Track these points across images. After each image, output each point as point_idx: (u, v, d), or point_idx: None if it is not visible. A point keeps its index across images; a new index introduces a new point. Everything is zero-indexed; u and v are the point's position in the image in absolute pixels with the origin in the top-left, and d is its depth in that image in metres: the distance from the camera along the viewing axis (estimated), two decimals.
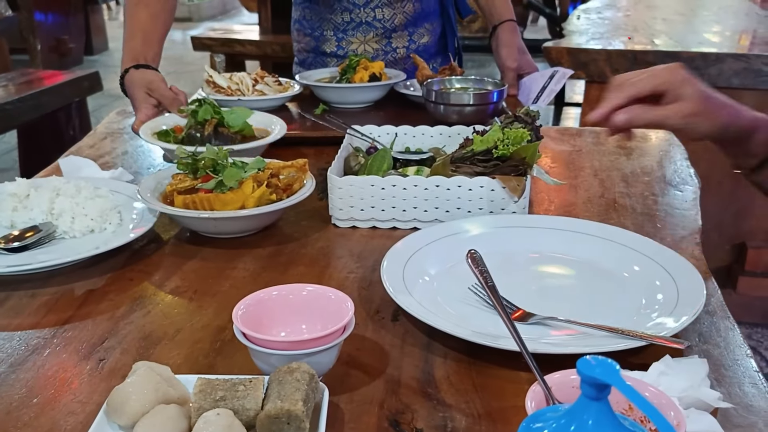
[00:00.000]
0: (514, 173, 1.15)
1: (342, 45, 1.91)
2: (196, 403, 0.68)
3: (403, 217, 1.17)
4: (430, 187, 1.14)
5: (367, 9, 1.86)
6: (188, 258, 1.09)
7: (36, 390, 0.78)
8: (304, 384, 0.69)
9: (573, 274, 1.02)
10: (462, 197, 1.14)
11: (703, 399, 0.70)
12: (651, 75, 0.96)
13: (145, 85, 1.55)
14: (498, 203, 1.14)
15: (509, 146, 1.14)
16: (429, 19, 1.95)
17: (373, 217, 1.17)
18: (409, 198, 1.15)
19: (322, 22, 1.91)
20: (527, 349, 0.72)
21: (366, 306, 0.94)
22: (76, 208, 1.13)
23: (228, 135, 1.40)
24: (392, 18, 1.88)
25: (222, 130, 1.41)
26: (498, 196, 1.14)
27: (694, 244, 1.11)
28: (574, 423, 0.45)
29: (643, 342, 0.80)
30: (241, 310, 0.78)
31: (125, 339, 0.88)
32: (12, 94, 3.61)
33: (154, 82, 1.56)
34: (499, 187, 1.13)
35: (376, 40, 1.90)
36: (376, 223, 1.18)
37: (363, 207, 1.16)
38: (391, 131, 1.42)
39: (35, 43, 6.56)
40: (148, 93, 1.55)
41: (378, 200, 1.16)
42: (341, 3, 1.85)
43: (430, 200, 1.15)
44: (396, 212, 1.16)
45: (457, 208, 1.15)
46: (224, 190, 1.10)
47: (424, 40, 1.95)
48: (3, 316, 0.94)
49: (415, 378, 0.79)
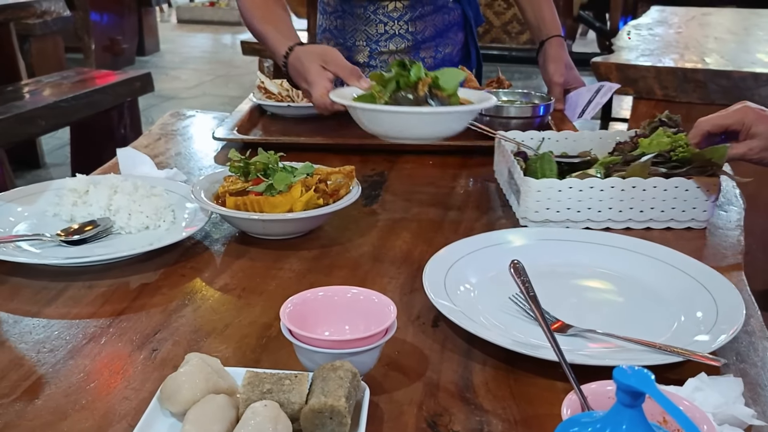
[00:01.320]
0: (702, 174, 1.21)
1: (374, 55, 1.95)
2: (244, 394, 0.71)
3: (597, 218, 1.23)
4: (627, 189, 1.21)
5: (400, 22, 1.90)
6: (237, 257, 1.13)
7: (93, 375, 0.83)
8: (347, 381, 0.72)
9: (613, 289, 1.03)
10: (657, 197, 1.21)
11: (737, 416, 0.71)
12: (724, 116, 1.14)
13: (319, 56, 1.43)
14: (690, 203, 1.21)
15: (687, 149, 1.21)
16: (453, 30, 1.99)
17: (567, 219, 1.22)
18: (605, 199, 1.21)
19: (355, 32, 1.95)
20: (565, 359, 0.74)
21: (407, 311, 0.97)
22: (133, 206, 1.18)
23: (442, 97, 1.27)
24: (423, 30, 1.91)
25: (436, 92, 1.26)
26: (691, 195, 1.20)
27: (736, 264, 1.11)
28: (608, 428, 0.47)
29: (680, 358, 0.81)
30: (288, 309, 0.82)
31: (177, 331, 0.92)
32: (66, 92, 3.73)
33: (329, 53, 1.44)
34: (694, 187, 1.20)
35: (405, 51, 1.94)
36: (570, 224, 1.23)
37: (559, 209, 1.22)
38: (536, 136, 1.45)
39: (90, 43, 6.75)
40: (323, 66, 1.42)
41: (575, 202, 1.21)
42: (377, 15, 1.89)
43: (625, 201, 1.21)
44: (591, 213, 1.22)
45: (651, 208, 1.22)
46: (274, 193, 1.14)
47: (448, 50, 1.99)
48: (62, 305, 0.98)
49: (454, 382, 0.82)
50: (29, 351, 0.87)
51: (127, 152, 1.43)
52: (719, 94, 2.49)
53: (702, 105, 2.51)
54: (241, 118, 1.74)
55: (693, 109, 2.52)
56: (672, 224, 1.24)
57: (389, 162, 1.55)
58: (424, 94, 1.21)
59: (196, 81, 7.17)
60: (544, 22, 1.94)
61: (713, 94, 2.49)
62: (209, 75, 7.35)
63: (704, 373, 0.77)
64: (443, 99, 1.24)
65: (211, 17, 10.65)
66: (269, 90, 1.83)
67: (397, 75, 1.26)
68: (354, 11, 1.90)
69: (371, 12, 1.89)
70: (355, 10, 1.89)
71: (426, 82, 1.21)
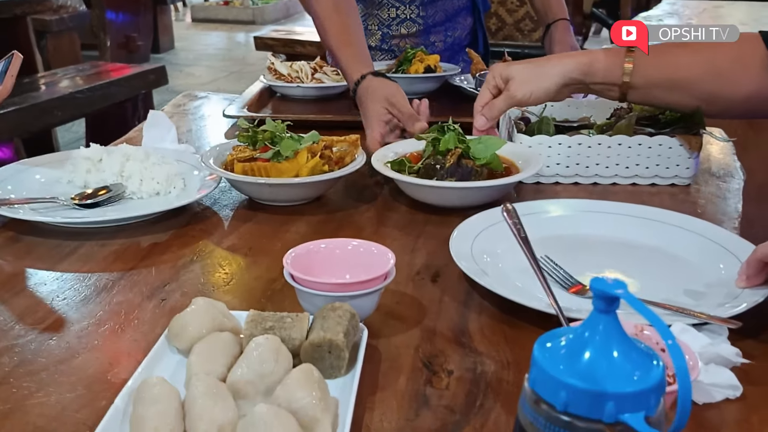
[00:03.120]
0: (686, 134, 1.27)
1: (386, 39, 1.99)
2: (247, 331, 0.74)
3: (585, 173, 1.30)
4: (613, 145, 1.28)
5: (412, 6, 1.94)
6: (245, 221, 1.16)
7: (104, 321, 0.86)
8: (345, 320, 0.75)
9: (639, 257, 1.02)
10: (641, 154, 1.28)
11: (723, 354, 0.74)
12: None
13: (385, 97, 1.40)
14: (674, 159, 1.28)
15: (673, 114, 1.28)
16: (462, 14, 2.02)
17: (557, 173, 1.30)
18: (592, 155, 1.29)
19: (368, 17, 1.98)
20: (556, 299, 0.76)
21: (408, 269, 0.99)
22: (144, 172, 1.22)
23: (472, 168, 1.19)
24: (434, 14, 1.96)
25: (466, 162, 1.19)
26: (674, 153, 1.27)
27: (732, 229, 1.13)
28: (587, 331, 0.50)
29: (699, 320, 0.80)
30: (291, 257, 0.85)
31: (185, 284, 0.95)
32: (82, 84, 3.79)
33: (395, 95, 1.40)
34: (677, 144, 1.26)
35: (416, 35, 1.97)
36: (559, 179, 1.31)
37: (548, 164, 1.29)
38: None
39: (105, 40, 6.84)
40: (386, 108, 1.40)
41: (564, 158, 1.29)
42: (389, 0, 1.93)
43: (612, 157, 1.29)
44: (579, 168, 1.30)
45: (636, 164, 1.29)
46: (280, 159, 1.17)
47: (457, 34, 2.03)
48: (76, 261, 1.02)
49: (450, 329, 0.85)
50: (44, 299, 0.91)
51: (156, 116, 1.47)
52: None
53: None
54: (251, 98, 1.78)
55: None
56: (657, 180, 1.30)
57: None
58: (451, 166, 1.17)
59: (210, 77, 7.23)
60: (550, 6, 1.97)
61: None
62: (223, 71, 7.42)
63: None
64: (472, 170, 1.18)
65: (225, 16, 10.72)
66: (279, 71, 1.87)
67: (433, 141, 1.23)
68: None
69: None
70: None
71: (455, 153, 1.18)
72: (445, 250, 0.97)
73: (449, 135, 1.21)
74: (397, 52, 1.99)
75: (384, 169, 1.20)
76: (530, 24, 6.84)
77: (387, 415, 0.70)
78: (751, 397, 0.72)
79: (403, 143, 1.33)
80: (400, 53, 1.97)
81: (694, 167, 1.29)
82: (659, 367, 0.50)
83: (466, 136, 1.23)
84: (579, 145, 1.28)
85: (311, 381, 0.66)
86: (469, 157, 1.20)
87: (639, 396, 0.48)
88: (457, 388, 0.74)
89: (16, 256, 1.04)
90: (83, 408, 0.70)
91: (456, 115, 1.48)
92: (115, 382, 0.74)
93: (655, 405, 0.49)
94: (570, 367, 0.50)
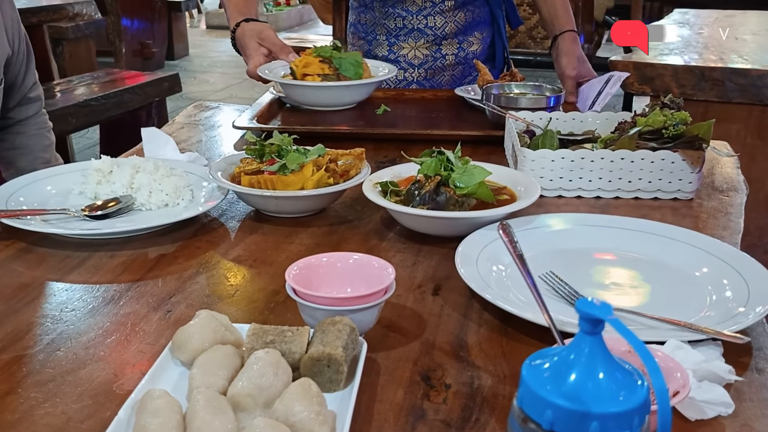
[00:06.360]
0: (689, 149, 1.28)
1: (394, 50, 2.00)
2: (248, 344, 0.76)
3: (588, 187, 1.31)
4: (615, 160, 1.29)
5: (419, 16, 1.95)
6: (251, 232, 1.18)
7: (111, 332, 0.88)
8: (344, 334, 0.76)
9: (644, 272, 1.03)
10: (644, 169, 1.29)
11: (717, 372, 0.75)
12: None
13: (256, 34, 1.74)
14: (676, 174, 1.28)
15: (680, 126, 1.28)
16: (479, 28, 2.02)
17: (560, 187, 1.31)
18: (595, 169, 1.30)
19: (375, 26, 2.00)
20: (550, 315, 0.78)
21: (409, 282, 1.01)
22: (153, 184, 1.24)
23: (450, 197, 1.13)
24: (443, 26, 1.96)
25: (446, 191, 1.14)
26: (677, 167, 1.28)
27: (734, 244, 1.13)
28: (572, 353, 0.51)
29: (705, 336, 0.81)
30: (294, 271, 0.87)
31: (190, 296, 0.97)
32: (96, 91, 3.84)
33: (264, 31, 1.74)
34: (679, 159, 1.27)
35: (426, 47, 1.98)
36: (562, 192, 1.32)
37: (552, 177, 1.30)
38: (545, 117, 1.50)
39: (120, 47, 6.91)
40: (259, 42, 1.74)
41: (567, 171, 1.30)
42: (395, 9, 1.94)
43: (614, 171, 1.30)
44: (582, 182, 1.31)
45: (639, 178, 1.29)
46: (287, 172, 1.19)
47: (473, 48, 2.02)
48: (85, 272, 1.05)
49: (449, 343, 0.86)
50: (52, 310, 0.93)
51: (151, 132, 1.50)
52: (736, 93, 2.49)
53: (719, 103, 2.52)
54: (260, 109, 1.80)
55: (710, 107, 2.53)
56: (659, 194, 1.31)
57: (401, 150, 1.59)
58: (427, 192, 1.13)
59: (224, 84, 7.28)
60: (557, 17, 1.98)
61: (730, 93, 2.50)
62: (236, 78, 7.46)
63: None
64: (453, 199, 1.14)
65: None
66: None
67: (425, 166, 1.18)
68: (374, 4, 1.95)
69: (390, 6, 1.94)
70: (375, 3, 1.95)
71: (434, 181, 1.14)
72: (447, 264, 0.99)
73: (431, 161, 1.17)
74: (405, 64, 2.00)
75: (367, 189, 1.17)
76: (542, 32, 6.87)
77: (384, 429, 0.71)
78: (742, 414, 0.73)
79: (405, 166, 1.30)
80: (407, 65, 1.99)
81: (697, 182, 1.30)
82: (644, 387, 0.51)
83: (459, 164, 1.17)
84: (582, 159, 1.30)
85: (309, 395, 0.68)
86: (448, 184, 1.15)
87: (623, 416, 0.50)
88: (454, 402, 0.75)
89: (27, 267, 1.07)
90: (88, 419, 0.72)
91: (462, 124, 1.50)
92: (119, 393, 0.76)
93: (639, 425, 0.51)
94: (556, 387, 0.51)
